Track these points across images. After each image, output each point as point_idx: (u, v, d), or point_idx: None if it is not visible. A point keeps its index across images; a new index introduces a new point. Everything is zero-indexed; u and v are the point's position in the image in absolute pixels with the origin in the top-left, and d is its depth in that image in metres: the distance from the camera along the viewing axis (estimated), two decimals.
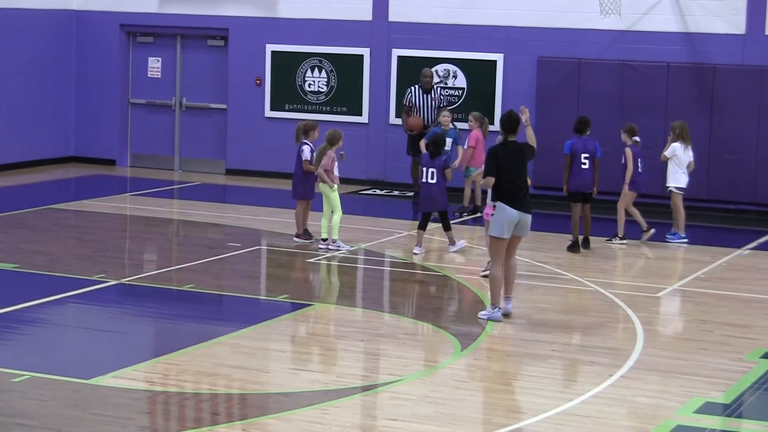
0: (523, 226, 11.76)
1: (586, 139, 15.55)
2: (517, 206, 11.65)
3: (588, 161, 15.39)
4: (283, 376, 10.10)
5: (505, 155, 11.74)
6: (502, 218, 11.63)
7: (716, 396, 9.72)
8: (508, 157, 11.73)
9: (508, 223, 11.62)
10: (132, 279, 13.32)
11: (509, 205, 11.62)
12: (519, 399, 9.57)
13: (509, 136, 11.85)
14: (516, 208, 11.63)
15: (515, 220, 11.65)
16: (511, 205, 11.62)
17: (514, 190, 11.68)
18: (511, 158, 11.75)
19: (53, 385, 9.46)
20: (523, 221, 11.71)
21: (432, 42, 20.05)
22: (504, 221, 11.62)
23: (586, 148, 15.45)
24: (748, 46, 18.55)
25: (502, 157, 11.71)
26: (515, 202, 11.64)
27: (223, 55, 21.64)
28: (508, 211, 11.62)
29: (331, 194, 15.10)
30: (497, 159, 11.70)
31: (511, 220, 11.63)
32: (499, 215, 11.65)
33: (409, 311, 12.59)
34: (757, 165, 18.44)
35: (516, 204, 11.64)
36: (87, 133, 22.30)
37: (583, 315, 12.27)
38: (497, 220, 11.65)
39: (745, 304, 12.98)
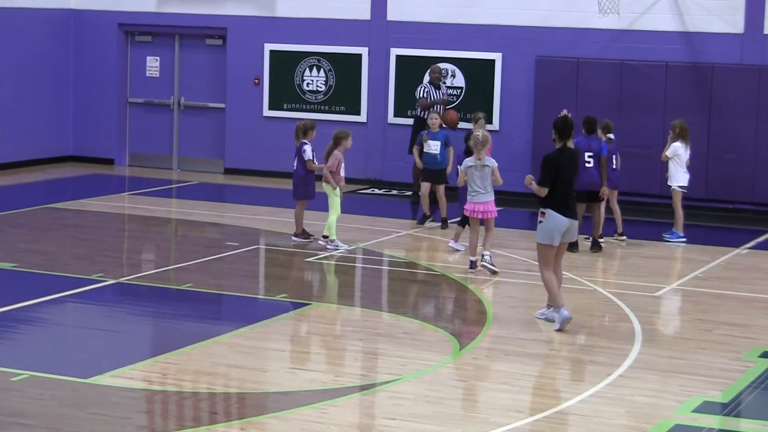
0: (572, 231, 11.61)
1: (591, 138, 15.54)
2: (568, 213, 11.46)
3: (592, 160, 15.38)
4: (281, 376, 10.10)
5: (563, 163, 11.49)
6: (553, 226, 11.42)
7: (714, 395, 9.72)
8: (565, 165, 11.50)
9: (558, 230, 11.44)
10: (130, 278, 13.32)
11: (560, 212, 11.41)
12: (517, 398, 9.57)
13: (567, 142, 11.61)
14: (566, 215, 11.44)
15: (565, 228, 11.46)
16: (562, 213, 11.41)
17: (565, 198, 11.46)
18: (568, 165, 11.54)
19: (52, 384, 9.46)
20: (572, 227, 11.55)
21: (430, 41, 20.05)
22: (554, 229, 11.43)
23: (590, 146, 15.44)
24: (746, 45, 18.55)
25: (560, 165, 11.45)
26: (565, 209, 11.44)
27: (221, 55, 21.63)
28: (558, 219, 11.40)
29: (332, 195, 15.10)
30: (556, 167, 11.42)
31: (561, 227, 11.43)
32: (549, 223, 11.42)
33: (407, 310, 12.59)
34: (755, 164, 18.45)
35: (566, 212, 11.45)
36: (85, 133, 22.30)
37: (582, 314, 12.26)
38: (547, 228, 11.44)
39: (744, 304, 12.99)
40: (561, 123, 11.64)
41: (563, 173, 11.45)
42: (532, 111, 19.37)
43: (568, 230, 11.54)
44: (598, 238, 15.40)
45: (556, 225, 11.43)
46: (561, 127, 11.61)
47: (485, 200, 14.09)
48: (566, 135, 11.60)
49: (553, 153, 11.62)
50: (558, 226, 11.43)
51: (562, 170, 11.45)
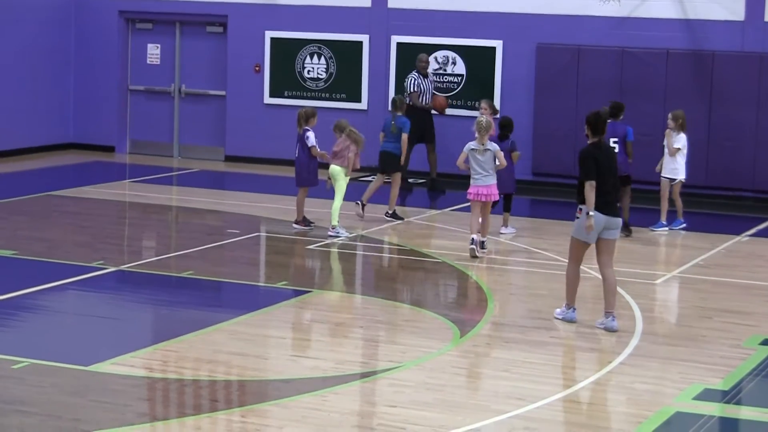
0: (613, 228, 11.16)
1: (616, 124, 15.44)
2: (607, 211, 11.05)
3: (618, 145, 15.37)
4: (282, 363, 10.11)
5: (600, 157, 11.09)
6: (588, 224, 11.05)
7: (715, 383, 9.73)
8: (602, 159, 11.09)
9: (595, 228, 11.04)
10: (131, 266, 13.32)
11: (598, 210, 11.01)
12: (518, 386, 9.58)
13: (600, 137, 11.26)
14: (605, 213, 11.04)
15: (602, 226, 11.07)
16: (601, 210, 11.02)
17: (604, 194, 11.05)
18: (605, 160, 11.14)
19: (52, 371, 9.47)
20: (611, 224, 11.11)
21: (431, 29, 20.02)
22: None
23: (615, 132, 15.38)
24: (747, 32, 18.53)
25: (598, 159, 11.05)
26: (605, 207, 11.04)
27: (222, 42, 21.61)
28: (596, 217, 11.00)
29: (342, 179, 15.16)
30: (597, 162, 11.03)
31: (599, 225, 11.05)
32: (584, 220, 11.05)
33: (408, 298, 12.59)
34: (755, 151, 18.43)
35: (605, 209, 11.04)
36: (86, 120, 22.28)
37: (582, 302, 12.25)
38: (582, 224, 11.06)
39: (744, 291, 12.99)
40: (594, 118, 11.23)
41: (602, 168, 11.03)
42: (532, 98, 19.35)
43: (607, 227, 11.11)
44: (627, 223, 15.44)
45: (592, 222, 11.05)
46: (594, 121, 11.21)
47: (487, 183, 14.16)
48: (600, 130, 11.20)
49: (587, 147, 11.25)
50: (595, 224, 11.00)
51: (601, 165, 11.04)
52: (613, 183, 11.22)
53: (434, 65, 20.02)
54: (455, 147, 18.57)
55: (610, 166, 11.19)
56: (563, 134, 18.18)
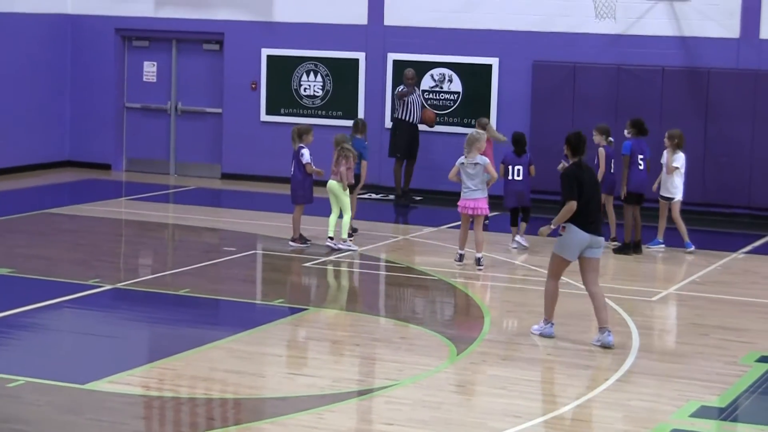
0: (596, 247, 11.20)
1: (642, 140, 15.62)
2: (590, 230, 11.12)
3: (643, 162, 15.50)
4: (278, 381, 10.10)
5: (582, 177, 11.18)
6: (572, 241, 11.13)
7: (712, 400, 9.73)
8: (584, 179, 11.18)
9: (578, 246, 11.13)
10: (127, 283, 13.31)
11: (582, 228, 11.10)
12: (514, 403, 9.57)
13: (581, 157, 11.37)
14: (589, 231, 11.11)
15: (585, 244, 11.13)
16: (584, 229, 11.10)
17: (588, 213, 11.13)
18: (588, 180, 11.23)
19: (48, 389, 9.45)
20: (594, 243, 11.16)
21: (427, 46, 20.07)
22: (573, 244, 11.13)
23: (642, 148, 15.55)
24: (742, 49, 18.58)
25: (580, 179, 11.15)
26: (589, 225, 11.12)
27: (218, 59, 21.64)
28: (579, 235, 11.08)
29: (342, 194, 15.23)
30: (579, 182, 11.13)
31: (582, 243, 11.12)
32: (568, 237, 11.13)
33: (404, 315, 12.59)
34: (751, 169, 18.46)
35: (589, 228, 11.12)
36: (82, 138, 22.29)
37: (579, 319, 12.26)
38: (566, 242, 11.15)
39: (741, 308, 13.00)
40: (575, 138, 11.35)
41: (584, 188, 11.13)
42: (528, 115, 19.39)
43: (591, 245, 11.16)
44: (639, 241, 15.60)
45: (575, 240, 11.11)
46: (575, 142, 11.31)
47: (475, 197, 14.37)
48: (580, 151, 11.32)
49: (570, 167, 11.36)
50: (578, 242, 11.10)
51: (583, 185, 11.14)
52: (596, 202, 11.28)
53: (430, 82, 20.07)
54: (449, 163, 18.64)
55: (594, 186, 11.27)
56: (559, 151, 18.04)
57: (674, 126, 17.15)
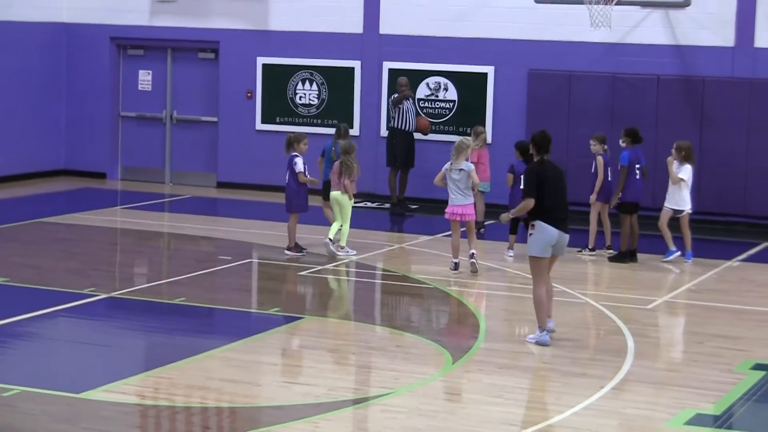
0: (561, 245, 11.50)
1: (637, 149, 15.66)
2: (558, 226, 11.38)
3: (639, 171, 15.55)
4: (274, 389, 10.09)
5: (545, 174, 11.49)
6: (543, 238, 11.35)
7: (707, 407, 9.73)
8: (547, 176, 11.47)
9: (548, 242, 11.36)
10: (123, 292, 13.30)
11: (550, 224, 11.35)
12: (510, 411, 9.57)
13: (545, 155, 11.62)
14: (557, 227, 11.37)
15: (554, 240, 11.38)
16: (553, 225, 11.35)
17: (555, 210, 11.41)
18: (552, 177, 11.50)
19: (43, 399, 9.44)
20: (561, 241, 11.45)
21: (423, 54, 20.09)
22: (544, 241, 11.35)
23: (638, 157, 15.60)
24: (737, 58, 18.61)
25: (543, 176, 11.45)
26: (556, 222, 11.37)
27: (213, 68, 21.65)
28: (548, 231, 11.33)
29: (347, 204, 15.29)
30: (539, 178, 11.43)
31: (551, 239, 11.36)
32: (538, 235, 11.37)
33: (400, 324, 12.58)
34: (746, 177, 18.48)
35: (557, 224, 11.37)
36: (77, 146, 22.29)
37: (574, 327, 12.27)
38: (537, 240, 11.38)
39: (736, 316, 13.00)
40: (539, 137, 11.61)
41: (548, 185, 11.40)
42: (524, 124, 19.40)
43: (558, 243, 11.45)
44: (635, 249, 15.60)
45: (546, 237, 11.35)
46: (539, 140, 11.59)
47: (463, 203, 14.53)
48: (544, 149, 11.58)
49: (533, 165, 11.68)
50: (548, 238, 11.35)
51: (546, 182, 11.41)
52: (561, 200, 11.51)
53: (426, 91, 20.09)
54: None
55: (559, 184, 11.50)
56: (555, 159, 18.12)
57: (669, 134, 17.21)
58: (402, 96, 19.32)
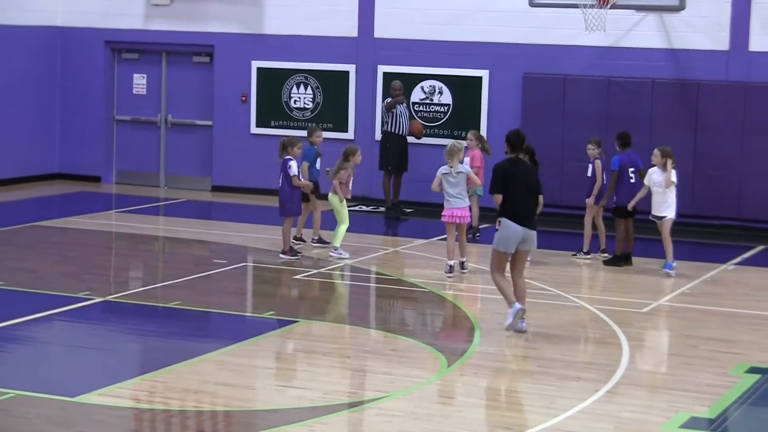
0: (529, 241, 11.83)
1: (630, 153, 15.66)
2: (524, 223, 11.69)
3: (634, 175, 15.52)
4: (269, 393, 10.09)
5: (512, 172, 11.75)
6: (507, 235, 11.72)
7: (702, 411, 9.74)
8: (515, 174, 11.75)
9: (513, 239, 11.71)
10: (118, 296, 13.29)
11: (515, 221, 11.68)
12: (505, 415, 9.57)
13: (518, 154, 11.91)
14: (521, 224, 11.69)
15: (519, 237, 11.73)
16: (517, 222, 11.68)
17: (519, 207, 11.72)
18: (518, 175, 11.77)
19: (38, 402, 9.43)
20: (527, 237, 11.76)
21: (417, 58, 20.11)
22: (508, 237, 11.72)
23: (632, 161, 15.61)
24: (732, 62, 18.64)
25: (509, 174, 11.74)
26: (521, 219, 11.69)
27: (208, 72, 21.65)
28: (512, 228, 11.69)
29: (340, 206, 15.32)
30: (505, 175, 11.75)
31: (516, 236, 11.72)
32: (503, 232, 11.73)
33: (395, 327, 12.58)
34: (741, 181, 18.51)
35: (522, 221, 11.69)
36: (72, 150, 22.28)
37: (569, 331, 12.28)
38: (502, 237, 11.74)
39: (730, 319, 13.02)
40: (514, 136, 11.95)
41: (515, 183, 11.69)
42: (519, 127, 19.37)
43: (525, 240, 11.74)
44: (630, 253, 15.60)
45: (510, 234, 11.70)
46: (514, 139, 11.91)
47: (461, 206, 14.62)
48: (518, 148, 11.89)
49: (503, 162, 11.95)
50: (512, 235, 11.69)
51: (514, 180, 11.69)
52: (528, 197, 11.78)
53: (421, 95, 20.11)
54: None
55: (527, 182, 11.79)
56: (550, 163, 18.20)
57: (664, 138, 17.21)
58: (395, 101, 19.33)
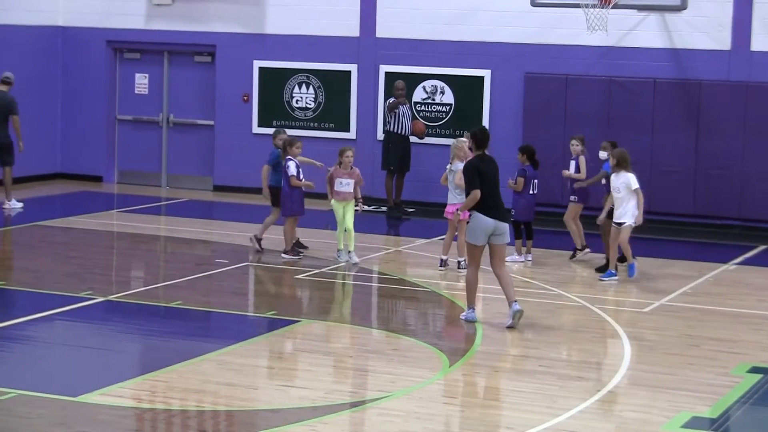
0: (502, 233, 12.22)
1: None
2: (494, 215, 12.14)
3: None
4: (270, 393, 10.09)
5: (483, 168, 12.26)
6: (478, 227, 12.15)
7: (703, 410, 9.74)
8: (486, 170, 12.27)
9: (483, 231, 12.12)
10: (119, 296, 13.29)
11: (485, 214, 12.12)
12: (507, 415, 9.57)
13: (485, 150, 12.44)
14: (492, 217, 12.12)
15: (491, 229, 12.14)
16: (487, 215, 12.12)
17: (491, 200, 12.19)
18: (489, 170, 12.31)
19: (40, 402, 9.43)
20: (499, 229, 12.18)
21: (419, 58, 20.11)
22: (480, 230, 12.13)
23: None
24: (733, 62, 18.63)
25: (481, 170, 12.23)
26: (491, 211, 12.14)
27: (210, 72, 21.65)
28: (483, 221, 12.12)
29: (335, 207, 15.23)
30: (479, 172, 12.22)
31: (487, 228, 12.13)
32: (474, 224, 12.19)
33: (397, 327, 12.59)
34: (742, 180, 18.50)
35: (492, 213, 12.14)
36: (73, 150, 22.28)
37: (571, 330, 12.28)
38: (473, 228, 12.20)
39: (732, 319, 13.02)
40: (480, 133, 12.50)
41: (485, 178, 12.16)
42: (520, 127, 19.42)
43: (496, 232, 12.14)
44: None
45: (480, 226, 12.10)
46: (480, 137, 12.45)
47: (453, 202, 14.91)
48: (483, 144, 12.41)
49: (472, 159, 12.44)
50: (483, 227, 12.10)
51: (485, 175, 12.18)
52: (496, 191, 12.25)
53: (423, 94, 20.11)
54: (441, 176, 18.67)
55: (494, 176, 12.29)
56: (551, 163, 18.21)
57: (665, 138, 17.20)
58: (397, 102, 19.33)
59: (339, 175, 15.30)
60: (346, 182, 15.26)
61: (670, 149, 18.70)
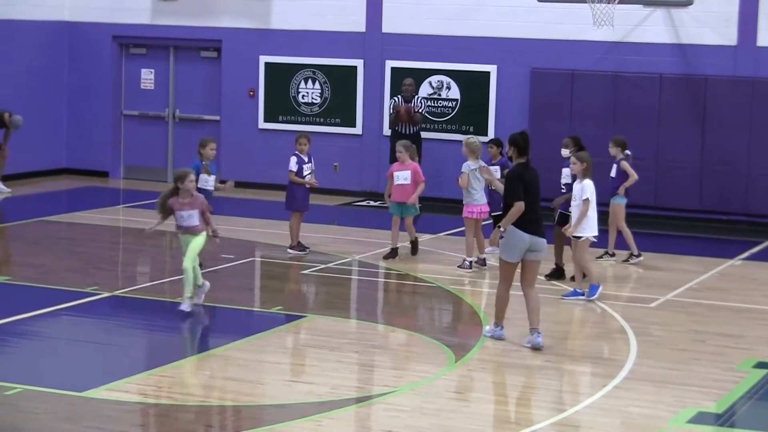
0: (538, 249, 11.23)
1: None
2: (531, 230, 11.16)
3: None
4: (276, 388, 10.09)
5: (528, 177, 11.24)
6: (514, 243, 11.18)
7: (709, 406, 9.73)
8: (530, 180, 11.25)
9: (519, 249, 11.17)
10: (125, 291, 13.31)
11: (522, 229, 11.15)
12: (513, 410, 9.57)
13: (527, 158, 11.36)
14: (529, 232, 11.15)
15: (527, 245, 11.16)
16: (524, 230, 11.15)
17: (530, 215, 11.16)
18: (533, 181, 11.29)
19: (46, 397, 9.45)
20: (535, 245, 11.19)
21: (425, 53, 20.09)
22: (516, 246, 11.17)
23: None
24: (739, 57, 18.60)
25: (526, 180, 11.19)
26: (529, 225, 11.15)
27: (216, 67, 21.65)
28: (519, 237, 11.14)
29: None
30: (523, 182, 11.17)
31: (523, 245, 11.16)
32: (510, 240, 11.19)
33: (403, 322, 12.59)
34: (748, 176, 18.48)
35: (530, 228, 11.15)
36: (79, 145, 22.29)
37: (577, 326, 12.28)
38: (508, 245, 11.22)
39: (738, 314, 13.01)
40: (521, 138, 11.36)
41: (528, 189, 11.17)
42: (527, 123, 19.39)
43: (532, 248, 11.18)
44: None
45: (516, 243, 11.15)
46: (522, 143, 11.32)
47: (483, 202, 14.96)
48: (525, 151, 11.31)
49: (515, 167, 11.36)
50: (519, 244, 11.15)
51: (528, 186, 11.18)
52: (537, 203, 11.26)
53: (428, 90, 20.08)
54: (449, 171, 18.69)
55: (537, 187, 11.28)
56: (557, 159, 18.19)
57: (671, 133, 17.15)
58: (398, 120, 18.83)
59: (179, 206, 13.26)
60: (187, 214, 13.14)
61: (676, 144, 18.67)
